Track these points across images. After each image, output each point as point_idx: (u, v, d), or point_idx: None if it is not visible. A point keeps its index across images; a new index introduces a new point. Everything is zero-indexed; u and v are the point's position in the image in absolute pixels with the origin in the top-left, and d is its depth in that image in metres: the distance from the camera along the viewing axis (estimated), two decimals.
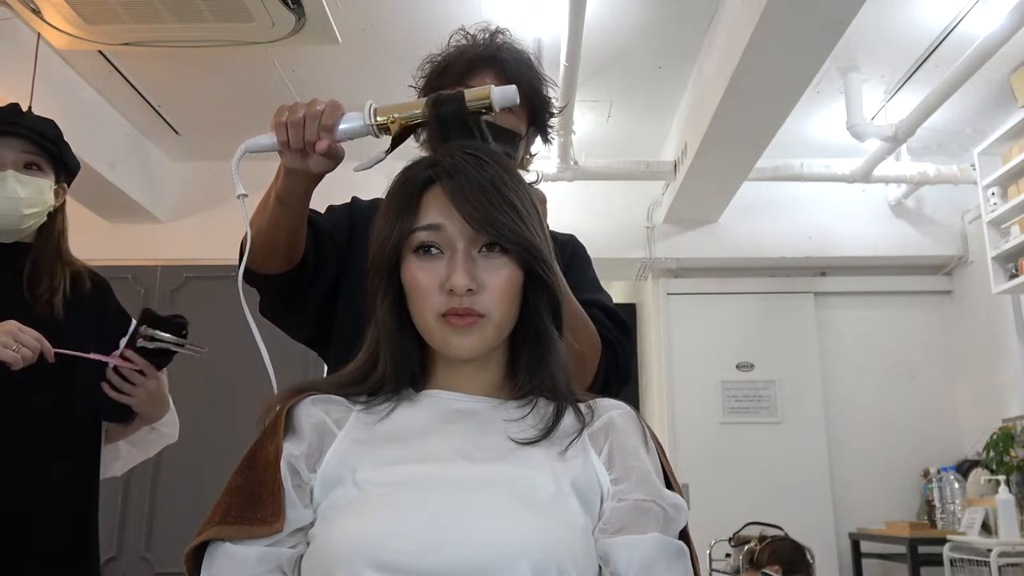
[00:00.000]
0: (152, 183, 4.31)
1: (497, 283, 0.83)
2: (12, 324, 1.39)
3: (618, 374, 1.23)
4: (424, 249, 0.84)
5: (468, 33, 1.27)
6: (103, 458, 1.61)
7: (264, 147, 1.02)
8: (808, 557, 3.02)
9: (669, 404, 4.46)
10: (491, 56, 1.23)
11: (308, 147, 0.99)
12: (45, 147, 1.54)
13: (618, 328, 1.26)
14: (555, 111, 1.31)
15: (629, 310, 5.25)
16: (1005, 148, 3.83)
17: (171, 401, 1.66)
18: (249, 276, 1.12)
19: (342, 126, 1.00)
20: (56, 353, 1.43)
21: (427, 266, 0.84)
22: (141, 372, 1.50)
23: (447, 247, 0.84)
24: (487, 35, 1.26)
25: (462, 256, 0.83)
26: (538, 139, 1.33)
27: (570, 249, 1.36)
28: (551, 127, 1.32)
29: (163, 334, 1.50)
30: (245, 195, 1.02)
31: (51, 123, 1.58)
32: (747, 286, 4.65)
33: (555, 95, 1.30)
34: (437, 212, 0.84)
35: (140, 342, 1.49)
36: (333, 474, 0.80)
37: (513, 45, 1.27)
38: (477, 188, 0.83)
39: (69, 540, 1.49)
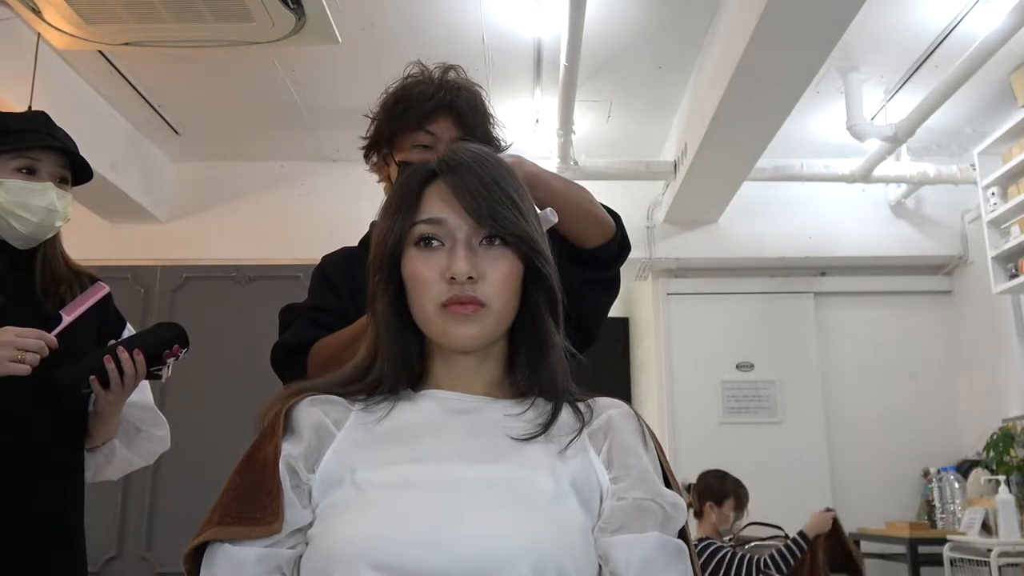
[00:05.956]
0: (152, 183, 4.30)
1: (498, 273, 0.84)
2: (8, 333, 1.36)
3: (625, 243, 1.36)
4: (425, 241, 0.85)
5: (425, 68, 1.34)
6: (96, 461, 1.60)
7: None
8: (731, 478, 3.05)
9: (669, 404, 4.46)
10: (450, 103, 1.30)
11: None
12: (74, 163, 1.57)
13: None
14: (504, 148, 1.38)
15: (622, 324, 5.24)
16: (1005, 148, 3.82)
17: (156, 407, 1.66)
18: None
19: None
20: (58, 336, 1.42)
21: (428, 257, 0.85)
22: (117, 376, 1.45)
23: (448, 239, 0.85)
24: (441, 71, 1.33)
25: (463, 245, 0.84)
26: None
27: None
28: None
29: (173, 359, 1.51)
30: None
31: (70, 137, 1.61)
32: (747, 286, 4.65)
33: (501, 134, 1.38)
34: (438, 206, 0.85)
35: (170, 361, 1.50)
36: (332, 474, 0.80)
37: (467, 85, 1.34)
38: (479, 182, 0.85)
39: (53, 552, 1.47)
